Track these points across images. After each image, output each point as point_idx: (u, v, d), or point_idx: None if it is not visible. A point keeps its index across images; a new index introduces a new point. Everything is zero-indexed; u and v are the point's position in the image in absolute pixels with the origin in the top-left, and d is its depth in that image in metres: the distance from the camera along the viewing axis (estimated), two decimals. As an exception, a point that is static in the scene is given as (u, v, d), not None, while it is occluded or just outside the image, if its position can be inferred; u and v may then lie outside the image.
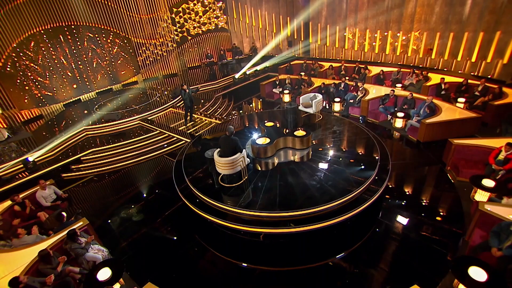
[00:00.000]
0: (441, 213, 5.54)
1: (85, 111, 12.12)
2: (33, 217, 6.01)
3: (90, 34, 13.46)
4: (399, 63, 12.30)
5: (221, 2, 17.33)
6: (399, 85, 10.57)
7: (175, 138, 9.24)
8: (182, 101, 10.07)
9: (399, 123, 8.64)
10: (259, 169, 6.36)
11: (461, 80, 9.48)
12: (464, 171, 6.16)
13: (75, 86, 13.38)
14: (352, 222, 5.30)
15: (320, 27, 14.52)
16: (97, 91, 14.15)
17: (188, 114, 10.09)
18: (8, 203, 6.03)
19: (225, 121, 9.91)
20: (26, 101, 11.72)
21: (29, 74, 11.71)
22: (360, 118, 9.75)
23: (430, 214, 5.53)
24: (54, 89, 12.60)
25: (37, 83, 12.00)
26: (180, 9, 16.20)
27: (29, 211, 6.09)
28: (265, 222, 5.10)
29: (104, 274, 4.47)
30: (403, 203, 5.87)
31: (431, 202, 5.86)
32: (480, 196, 5.45)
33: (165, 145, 9.20)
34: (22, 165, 7.99)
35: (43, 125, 11.31)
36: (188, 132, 9.53)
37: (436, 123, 7.49)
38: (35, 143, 9.50)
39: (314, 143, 7.24)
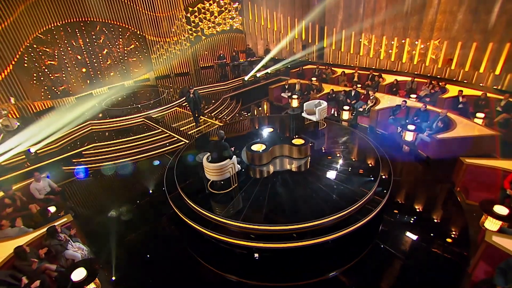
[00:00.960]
0: (445, 239, 5.04)
1: (96, 105, 12.40)
2: (25, 209, 6.05)
3: (105, 31, 13.72)
4: (415, 73, 11.66)
5: (237, 3, 17.24)
6: (413, 95, 9.98)
7: (175, 138, 9.15)
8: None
9: (409, 136, 8.09)
10: (252, 176, 6.10)
11: (481, 93, 8.81)
12: (475, 194, 5.63)
13: (88, 81, 13.68)
14: (344, 241, 4.93)
15: (335, 32, 14.07)
16: (109, 86, 14.38)
17: (197, 115, 9.94)
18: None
19: (227, 124, 9.73)
20: (40, 93, 12.05)
21: (44, 67, 12.05)
22: (368, 128, 9.27)
23: (432, 239, 5.06)
24: (68, 83, 12.91)
25: (51, 76, 12.33)
26: (196, 8, 16.24)
27: (21, 203, 6.12)
28: (248, 234, 4.83)
29: (78, 274, 4.38)
30: (403, 224, 5.42)
31: (435, 225, 5.37)
32: (490, 224, 4.91)
33: (167, 144, 9.12)
34: (24, 156, 8.14)
35: (55, 116, 11.53)
36: (188, 133, 9.41)
37: (449, 139, 6.92)
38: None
39: (323, 150, 6.89)
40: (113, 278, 4.84)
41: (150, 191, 6.98)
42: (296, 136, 6.75)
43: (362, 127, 9.38)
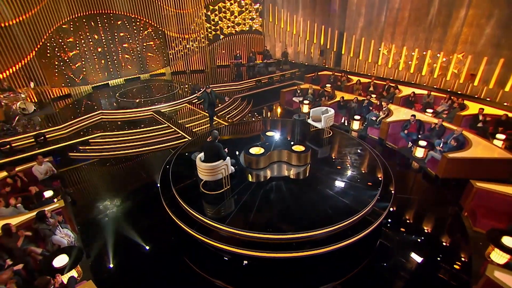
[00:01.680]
0: (444, 266, 4.67)
1: (111, 93, 12.84)
2: (25, 191, 6.21)
3: (127, 24, 14.03)
4: (435, 87, 11.09)
5: (258, 4, 17.20)
6: (430, 110, 9.49)
7: (179, 134, 9.16)
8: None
9: (419, 153, 7.66)
10: (247, 180, 5.95)
11: (502, 113, 8.23)
12: (483, 221, 5.19)
13: (106, 73, 14.05)
14: (337, 255, 4.70)
15: (354, 39, 13.69)
16: (125, 78, 14.71)
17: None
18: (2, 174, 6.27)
19: (232, 124, 9.64)
20: (58, 79, 12.48)
21: (65, 56, 12.46)
22: (377, 141, 8.88)
23: (431, 264, 4.71)
24: (87, 72, 13.31)
25: (71, 65, 12.75)
26: (217, 7, 16.35)
27: (21, 184, 6.29)
28: (232, 239, 4.68)
29: (60, 260, 4.41)
30: (402, 244, 5.10)
31: (436, 250, 4.99)
32: (497, 256, 4.51)
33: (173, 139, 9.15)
34: (33, 139, 8.40)
35: (70, 104, 11.92)
36: (193, 130, 9.39)
37: (460, 159, 6.48)
38: (58, 119, 9.97)
39: (324, 159, 6.64)
40: (95, 267, 4.83)
41: (146, 186, 6.98)
42: (303, 143, 6.55)
43: (371, 139, 9.01)
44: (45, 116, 10.30)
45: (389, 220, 5.59)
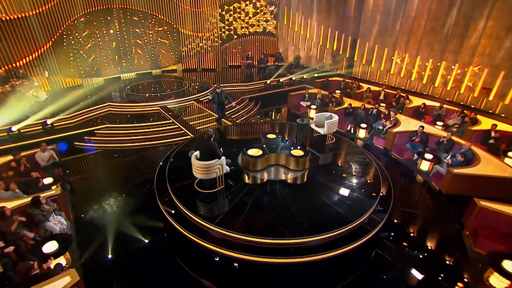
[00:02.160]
0: (439, 287, 4.46)
1: (122, 85, 13.09)
2: (27, 176, 6.36)
3: (142, 20, 14.24)
4: (447, 99, 10.73)
5: (273, 7, 17.19)
6: (440, 123, 9.19)
7: (183, 131, 9.20)
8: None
9: (424, 166, 7.42)
10: (242, 180, 5.89)
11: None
12: (484, 242, 4.94)
13: (119, 68, 14.30)
14: (326, 265, 4.58)
15: (368, 46, 13.45)
16: (137, 72, 14.94)
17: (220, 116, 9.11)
18: (7, 158, 6.44)
19: (236, 124, 9.62)
20: (73, 71, 12.77)
21: (80, 48, 12.75)
22: (382, 151, 8.65)
23: (424, 284, 4.51)
24: (100, 65, 13.59)
25: (86, 57, 13.03)
26: (231, 7, 16.43)
27: (24, 169, 6.44)
28: (220, 240, 4.62)
29: (50, 246, 4.48)
30: (395, 261, 4.89)
31: (431, 269, 4.76)
32: (496, 281, 4.28)
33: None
34: (41, 127, 8.62)
35: (81, 94, 12.16)
36: (197, 128, 9.41)
37: (466, 175, 6.21)
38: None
39: (334, 165, 6.57)
40: (84, 256, 4.87)
41: (144, 180, 6.95)
42: (303, 147, 6.46)
43: (376, 149, 8.79)
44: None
45: (387, 233, 5.39)
